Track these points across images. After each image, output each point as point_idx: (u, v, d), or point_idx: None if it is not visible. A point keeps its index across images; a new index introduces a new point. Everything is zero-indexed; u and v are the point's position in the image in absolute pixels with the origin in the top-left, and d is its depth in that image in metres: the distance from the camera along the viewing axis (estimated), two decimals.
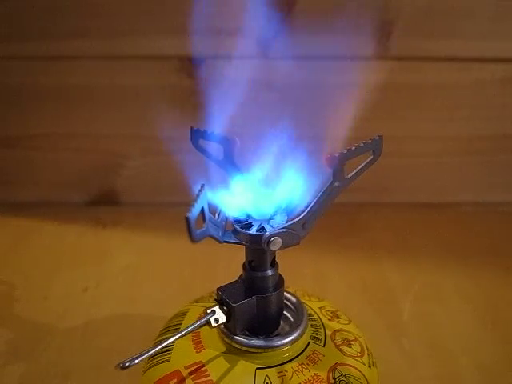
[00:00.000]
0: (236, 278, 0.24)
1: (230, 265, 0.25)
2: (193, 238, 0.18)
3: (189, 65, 0.48)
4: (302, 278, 0.42)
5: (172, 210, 0.50)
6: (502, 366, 0.34)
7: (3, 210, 0.53)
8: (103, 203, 0.54)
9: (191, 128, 0.24)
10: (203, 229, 0.19)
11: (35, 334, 0.36)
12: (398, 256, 0.46)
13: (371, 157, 0.22)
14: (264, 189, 0.23)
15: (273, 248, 0.21)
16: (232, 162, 0.24)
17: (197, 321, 0.22)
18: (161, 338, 0.25)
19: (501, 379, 0.33)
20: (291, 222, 0.22)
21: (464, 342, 0.36)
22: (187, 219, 0.18)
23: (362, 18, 0.46)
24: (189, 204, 0.18)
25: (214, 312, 0.22)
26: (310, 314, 0.25)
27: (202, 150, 0.24)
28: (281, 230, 0.21)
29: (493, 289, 0.42)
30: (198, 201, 0.18)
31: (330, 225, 0.42)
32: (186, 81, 0.48)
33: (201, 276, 0.42)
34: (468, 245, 0.48)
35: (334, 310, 0.27)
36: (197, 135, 0.24)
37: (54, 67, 0.49)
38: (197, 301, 0.28)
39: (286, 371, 0.22)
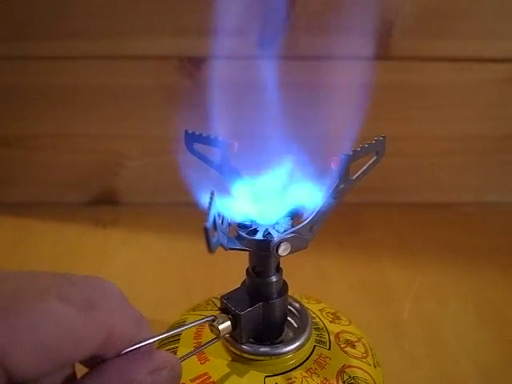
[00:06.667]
0: (235, 277, 0.24)
1: (230, 265, 0.25)
2: (211, 248, 0.18)
3: (189, 65, 0.48)
4: (301, 277, 0.42)
5: (172, 210, 0.50)
6: (502, 366, 0.34)
7: (3, 210, 0.52)
8: (103, 203, 0.54)
9: (185, 131, 0.23)
10: (216, 237, 0.18)
11: None
12: (398, 256, 0.46)
13: (375, 157, 0.22)
14: (267, 193, 0.22)
15: (282, 254, 0.21)
16: (229, 166, 0.22)
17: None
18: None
19: (501, 379, 0.33)
20: (299, 225, 0.21)
21: (464, 341, 0.36)
22: (205, 230, 0.17)
23: (362, 18, 0.46)
24: (189, 204, 0.18)
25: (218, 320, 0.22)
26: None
27: (198, 154, 0.23)
28: (289, 235, 0.20)
29: (493, 289, 0.42)
30: (212, 209, 0.18)
31: (330, 225, 0.42)
32: (186, 81, 0.48)
33: (201, 276, 0.42)
34: (468, 245, 0.48)
35: (333, 311, 0.27)
36: (191, 139, 0.22)
37: (54, 67, 0.48)
38: (193, 309, 0.27)
39: (296, 377, 0.22)
